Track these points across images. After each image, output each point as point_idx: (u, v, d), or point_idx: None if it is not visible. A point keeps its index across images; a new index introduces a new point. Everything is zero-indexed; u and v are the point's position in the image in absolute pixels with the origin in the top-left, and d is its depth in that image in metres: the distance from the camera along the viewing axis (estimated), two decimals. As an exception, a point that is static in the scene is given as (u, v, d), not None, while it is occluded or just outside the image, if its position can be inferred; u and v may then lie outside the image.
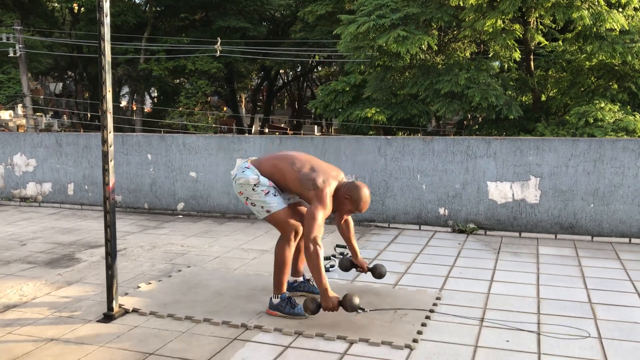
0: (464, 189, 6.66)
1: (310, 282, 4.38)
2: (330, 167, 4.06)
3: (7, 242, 6.24)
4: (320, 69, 39.64)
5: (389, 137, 7.02)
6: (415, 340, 3.49)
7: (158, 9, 26.63)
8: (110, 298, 3.91)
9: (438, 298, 4.31)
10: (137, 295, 4.38)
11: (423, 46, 11.31)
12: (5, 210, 8.19)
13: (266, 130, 50.99)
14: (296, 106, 42.31)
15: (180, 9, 27.38)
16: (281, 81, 41.04)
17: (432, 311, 4.02)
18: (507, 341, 3.52)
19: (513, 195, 6.50)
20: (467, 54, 12.59)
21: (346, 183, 3.99)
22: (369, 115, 16.96)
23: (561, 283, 4.73)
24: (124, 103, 29.99)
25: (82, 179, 8.25)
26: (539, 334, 3.63)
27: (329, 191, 3.79)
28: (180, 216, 7.74)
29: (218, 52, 21.34)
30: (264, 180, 3.84)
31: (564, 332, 3.66)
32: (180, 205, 7.81)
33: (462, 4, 11.63)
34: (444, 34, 12.37)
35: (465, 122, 18.50)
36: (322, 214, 3.71)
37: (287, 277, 3.97)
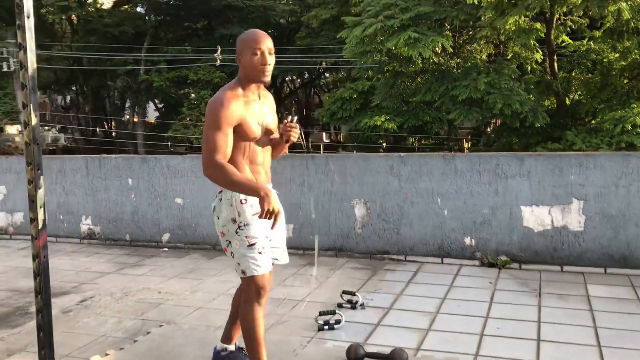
0: (493, 214, 5.65)
1: (243, 353, 3.37)
2: None
3: (-43, 290, 5.31)
4: (327, 75, 38.70)
5: (402, 154, 6.02)
6: None
7: (159, 18, 25.89)
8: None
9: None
10: (84, 378, 3.41)
11: (437, 49, 10.30)
12: (-30, 245, 7.27)
13: (274, 139, 49.99)
14: (304, 114, 41.37)
15: (183, 18, 26.61)
16: (288, 89, 40.16)
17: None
18: None
19: (552, 221, 5.47)
20: (484, 57, 11.58)
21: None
22: (379, 123, 15.99)
23: (628, 343, 3.71)
24: (126, 116, 29.26)
25: (57, 208, 7.31)
26: None
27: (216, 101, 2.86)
28: (166, 249, 6.77)
29: (218, 61, 20.50)
30: (244, 209, 2.92)
31: None
32: (166, 236, 6.84)
33: (476, 2, 10.63)
34: (458, 34, 11.37)
35: (482, 129, 17.46)
36: (213, 132, 2.82)
37: (263, 347, 3.00)
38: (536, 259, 5.53)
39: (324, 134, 42.86)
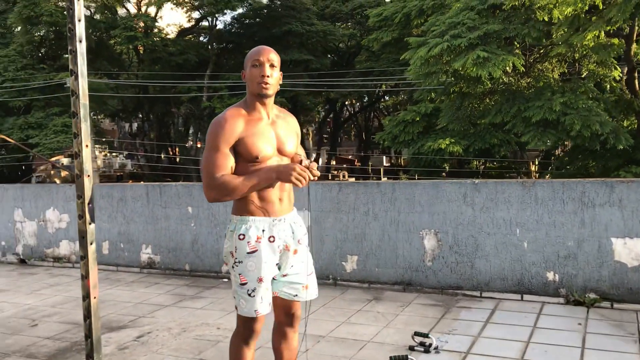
0: (579, 247, 5.11)
1: None
2: None
3: (18, 322, 5.22)
4: (387, 98, 38.36)
5: (476, 180, 5.58)
6: None
7: (221, 46, 26.31)
8: None
9: None
10: None
11: (507, 68, 9.76)
12: (34, 274, 7.27)
13: (333, 163, 50.02)
14: (363, 137, 41.11)
15: (244, 46, 26.97)
16: (347, 113, 40.06)
17: None
18: None
19: (649, 255, 4.89)
20: (556, 75, 10.92)
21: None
22: (443, 146, 15.47)
23: None
24: (189, 142, 29.77)
25: (117, 236, 7.23)
26: None
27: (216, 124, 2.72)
28: (225, 280, 6.54)
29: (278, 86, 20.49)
30: (240, 245, 2.73)
31: None
32: (225, 267, 6.61)
33: (546, 19, 10.06)
34: (529, 53, 10.78)
35: (552, 151, 16.60)
36: (211, 153, 2.69)
37: None
38: (631, 298, 4.95)
39: (384, 157, 42.40)
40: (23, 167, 26.89)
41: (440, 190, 5.64)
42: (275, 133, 2.75)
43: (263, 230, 2.70)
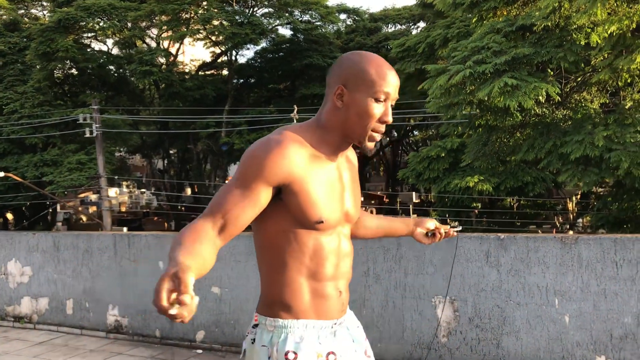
0: (639, 324, 3.89)
1: None
2: None
3: None
4: (417, 133, 37.27)
5: (502, 235, 4.42)
6: None
7: (241, 80, 25.71)
8: None
9: None
10: None
11: (540, 97, 8.59)
12: (-13, 336, 6.29)
13: (361, 198, 48.78)
14: (391, 173, 39.98)
15: (265, 80, 26.33)
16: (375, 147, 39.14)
17: None
18: None
19: None
20: (596, 106, 9.71)
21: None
22: (471, 184, 14.25)
23: None
24: (207, 181, 29.09)
25: (82, 294, 6.22)
26: None
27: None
28: (199, 350, 5.44)
29: (295, 121, 19.73)
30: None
31: None
32: (200, 335, 5.51)
33: (583, 42, 8.92)
34: (565, 80, 9.60)
35: (598, 191, 15.18)
36: (229, 187, 1.61)
37: None
38: None
39: (414, 193, 41.07)
40: (48, 203, 26.47)
41: (456, 246, 4.48)
42: (343, 186, 1.73)
43: (320, 343, 1.66)
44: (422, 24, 28.13)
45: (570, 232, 18.63)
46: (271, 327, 1.65)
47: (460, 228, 2.16)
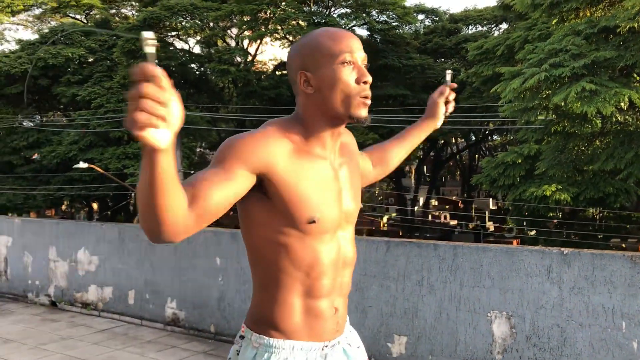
0: None
1: None
2: None
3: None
4: (496, 137, 36.24)
5: (565, 250, 4.15)
6: None
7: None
8: None
9: None
10: None
11: (622, 104, 8.03)
12: (56, 321, 6.59)
13: (434, 202, 47.99)
14: (469, 177, 39.04)
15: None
16: (450, 151, 38.29)
17: None
18: None
19: None
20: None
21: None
22: (548, 193, 13.64)
23: None
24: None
25: (144, 286, 6.40)
26: None
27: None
28: (251, 350, 5.44)
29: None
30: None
31: None
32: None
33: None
34: (650, 86, 8.98)
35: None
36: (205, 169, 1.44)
37: None
38: None
39: (491, 200, 39.79)
40: (131, 195, 27.62)
41: (516, 259, 4.25)
42: (340, 186, 1.59)
43: None
44: (504, 26, 27.28)
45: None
46: (256, 343, 1.54)
47: (449, 71, 2.17)
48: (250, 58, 24.78)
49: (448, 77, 2.18)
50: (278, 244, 1.48)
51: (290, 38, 23.31)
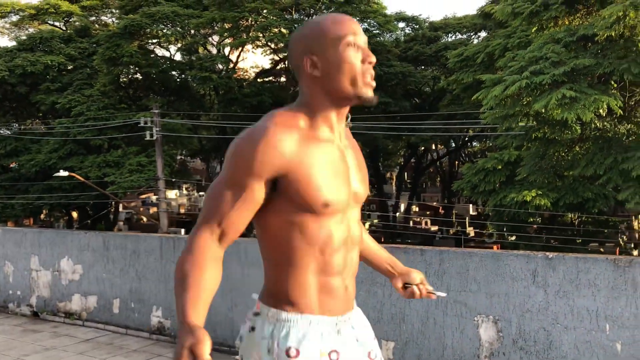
0: (699, 358, 3.61)
1: None
2: None
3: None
4: (475, 144, 36.59)
5: (550, 254, 4.22)
6: None
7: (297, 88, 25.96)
8: None
9: None
10: None
11: (601, 110, 8.20)
12: (38, 331, 6.50)
13: (415, 208, 48.18)
14: (447, 183, 39.35)
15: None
16: (430, 158, 38.57)
17: None
18: None
19: None
20: (661, 120, 9.23)
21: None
22: (528, 199, 13.80)
23: None
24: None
25: (129, 294, 6.35)
26: None
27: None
28: (237, 357, 5.43)
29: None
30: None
31: None
32: (239, 342, 5.51)
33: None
34: (628, 94, 9.13)
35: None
36: (220, 187, 1.55)
37: None
38: None
39: (471, 206, 40.14)
40: (109, 203, 27.34)
41: (501, 264, 4.31)
42: (348, 166, 1.65)
43: (323, 341, 1.62)
44: (483, 34, 27.62)
45: (635, 252, 17.74)
46: (273, 318, 1.61)
47: (445, 294, 1.98)
48: (231, 65, 24.76)
49: (439, 294, 2.01)
50: (294, 225, 1.56)
51: (272, 45, 23.38)
